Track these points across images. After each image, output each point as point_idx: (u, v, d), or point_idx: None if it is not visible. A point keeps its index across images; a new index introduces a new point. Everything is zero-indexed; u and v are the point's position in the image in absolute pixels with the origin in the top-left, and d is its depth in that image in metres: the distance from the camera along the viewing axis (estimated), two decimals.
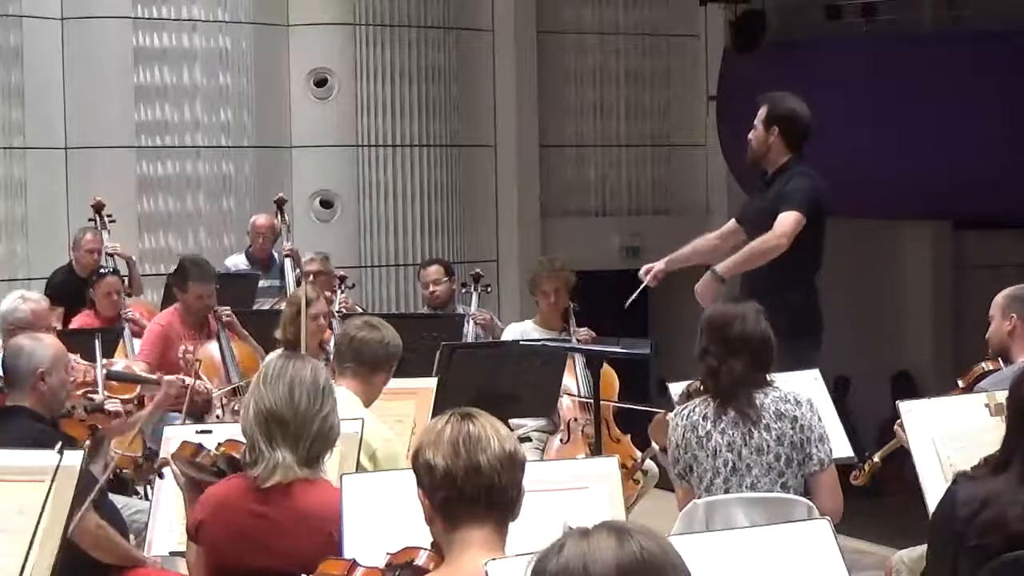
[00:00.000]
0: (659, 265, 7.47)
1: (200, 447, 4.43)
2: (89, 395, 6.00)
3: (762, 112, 7.16)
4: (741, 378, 5.00)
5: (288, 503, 4.10)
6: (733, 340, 5.02)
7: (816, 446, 5.01)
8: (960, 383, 6.02)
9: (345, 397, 5.33)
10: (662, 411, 5.90)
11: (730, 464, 5.00)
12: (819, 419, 5.06)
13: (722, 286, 6.91)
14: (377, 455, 5.09)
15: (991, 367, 5.92)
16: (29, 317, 6.56)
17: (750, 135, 7.21)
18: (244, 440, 4.27)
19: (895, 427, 5.44)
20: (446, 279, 9.05)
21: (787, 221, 6.88)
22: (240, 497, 4.16)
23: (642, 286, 7.40)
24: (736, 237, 7.59)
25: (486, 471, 3.18)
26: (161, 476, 4.92)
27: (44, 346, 5.40)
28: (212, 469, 4.36)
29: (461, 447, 3.19)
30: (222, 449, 4.38)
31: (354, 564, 3.44)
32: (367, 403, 5.43)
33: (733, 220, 7.60)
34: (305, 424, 4.15)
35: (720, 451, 5.01)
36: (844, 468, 5.81)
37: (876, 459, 5.96)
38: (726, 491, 4.98)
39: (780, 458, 4.98)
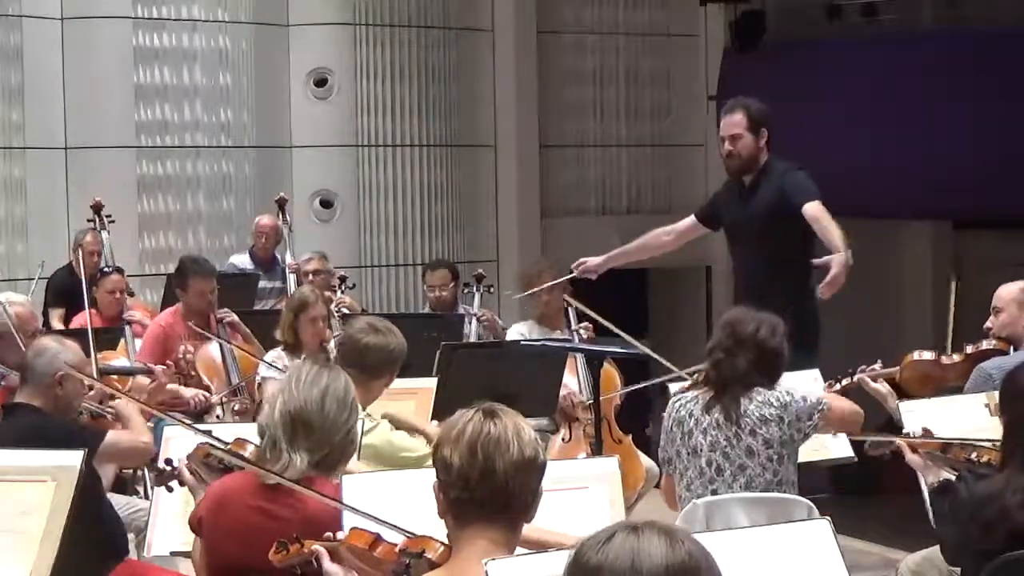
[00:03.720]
0: (595, 261, 7.55)
1: (212, 446, 4.46)
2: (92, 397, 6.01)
3: (742, 120, 7.04)
4: (741, 375, 5.02)
5: (293, 501, 4.10)
6: (745, 339, 5.05)
7: (807, 422, 5.07)
8: (968, 348, 6.07)
9: None
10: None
11: (714, 465, 5.02)
12: (804, 400, 5.10)
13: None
14: (391, 452, 5.13)
15: (999, 347, 5.96)
16: (14, 321, 6.56)
17: (733, 146, 7.05)
18: (253, 439, 4.28)
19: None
20: (451, 283, 9.05)
21: (820, 208, 6.84)
22: (243, 492, 4.17)
23: (569, 276, 7.53)
24: (692, 234, 7.56)
25: (500, 476, 3.17)
26: (170, 490, 4.92)
27: (67, 352, 5.42)
28: (219, 467, 4.39)
29: (479, 450, 3.18)
30: (230, 446, 4.39)
31: (378, 538, 3.46)
32: (365, 405, 5.43)
33: (692, 218, 7.54)
34: (330, 433, 4.17)
35: (701, 451, 5.03)
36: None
37: (855, 379, 6.07)
38: (713, 492, 5.00)
39: (772, 458, 5.00)
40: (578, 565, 2.34)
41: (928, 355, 6.19)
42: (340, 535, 3.54)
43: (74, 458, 4.40)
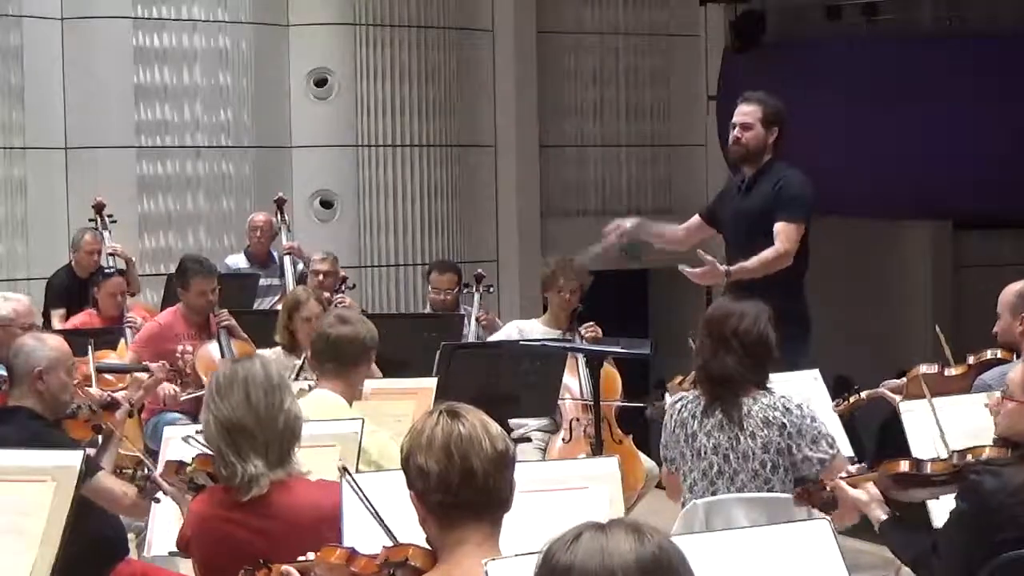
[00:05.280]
0: (628, 224, 7.52)
1: (181, 464, 4.45)
2: (87, 391, 5.99)
3: (756, 111, 7.07)
4: (729, 375, 5.00)
5: (269, 511, 4.07)
6: (726, 336, 5.02)
7: (809, 448, 4.99)
8: (970, 359, 6.07)
9: (330, 401, 5.30)
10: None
11: (715, 467, 5.01)
12: (813, 420, 5.03)
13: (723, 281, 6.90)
14: (379, 461, 5.08)
15: (1002, 356, 5.95)
16: (10, 315, 6.55)
17: (741, 134, 7.07)
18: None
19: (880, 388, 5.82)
20: (456, 287, 9.03)
21: (790, 234, 6.85)
22: (220, 510, 4.14)
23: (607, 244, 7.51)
24: (701, 234, 7.53)
25: (480, 474, 3.16)
26: (157, 500, 4.90)
27: (44, 347, 5.39)
28: (191, 485, 4.36)
29: (454, 451, 3.17)
30: (194, 465, 4.36)
31: (353, 552, 3.43)
32: (351, 401, 5.40)
33: (697, 217, 7.53)
34: (269, 426, 4.09)
35: (705, 453, 5.02)
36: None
37: (863, 396, 6.06)
38: (713, 493, 4.99)
39: (766, 465, 4.98)
40: (548, 566, 2.35)
41: (932, 369, 6.19)
42: (311, 555, 3.48)
43: (74, 458, 4.39)
